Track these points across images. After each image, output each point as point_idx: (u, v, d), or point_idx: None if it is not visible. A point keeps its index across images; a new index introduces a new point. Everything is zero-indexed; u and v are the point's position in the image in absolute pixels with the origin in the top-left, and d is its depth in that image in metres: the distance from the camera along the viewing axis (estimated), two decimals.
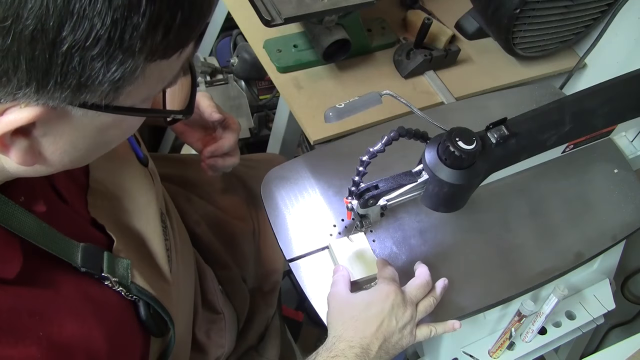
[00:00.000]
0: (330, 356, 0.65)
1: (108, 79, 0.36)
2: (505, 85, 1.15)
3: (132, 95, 0.40)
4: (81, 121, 0.40)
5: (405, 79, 1.12)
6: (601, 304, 0.96)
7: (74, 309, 0.51)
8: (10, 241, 0.46)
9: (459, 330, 0.87)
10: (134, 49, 0.36)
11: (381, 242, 0.84)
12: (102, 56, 0.35)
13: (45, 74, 0.35)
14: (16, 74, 0.34)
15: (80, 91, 0.37)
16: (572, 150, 0.76)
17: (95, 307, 0.53)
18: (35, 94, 0.36)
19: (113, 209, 0.62)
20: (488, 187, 0.72)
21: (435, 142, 0.66)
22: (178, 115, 0.48)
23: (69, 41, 0.33)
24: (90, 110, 0.39)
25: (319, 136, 0.99)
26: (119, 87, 0.38)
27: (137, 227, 0.64)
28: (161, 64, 0.39)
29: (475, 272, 0.83)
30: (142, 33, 0.35)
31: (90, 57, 0.35)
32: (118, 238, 0.58)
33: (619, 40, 1.10)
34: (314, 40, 1.04)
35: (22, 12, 0.32)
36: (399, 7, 1.25)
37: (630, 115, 0.76)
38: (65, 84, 0.36)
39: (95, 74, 0.36)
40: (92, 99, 0.38)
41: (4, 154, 0.40)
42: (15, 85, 0.35)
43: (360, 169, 0.68)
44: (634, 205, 0.92)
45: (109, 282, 0.55)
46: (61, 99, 0.37)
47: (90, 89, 0.37)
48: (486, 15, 1.07)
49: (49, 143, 0.41)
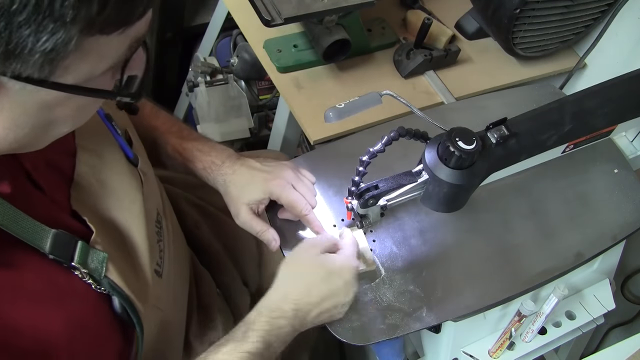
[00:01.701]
0: (272, 317, 0.67)
1: (39, 49, 0.36)
2: (505, 85, 1.15)
3: (72, 71, 0.39)
4: (20, 96, 0.40)
5: (405, 79, 1.12)
6: (601, 304, 0.96)
7: (32, 293, 0.50)
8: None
9: (459, 330, 0.87)
10: (65, 19, 0.35)
11: (381, 242, 0.84)
12: (30, 23, 0.34)
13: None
14: None
15: (10, 60, 0.36)
16: (572, 150, 0.76)
17: (58, 295, 0.53)
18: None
19: (96, 204, 0.61)
20: (488, 187, 0.72)
21: (435, 142, 0.66)
22: (125, 98, 0.47)
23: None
24: (28, 85, 0.38)
25: (319, 136, 0.99)
26: (52, 59, 0.37)
27: (120, 224, 0.63)
28: (100, 39, 0.38)
29: (475, 272, 0.83)
30: (74, 2, 0.34)
31: (18, 24, 0.34)
32: (98, 230, 0.57)
33: (619, 40, 1.10)
34: (314, 40, 1.04)
35: None
36: (399, 7, 1.25)
37: (630, 115, 0.76)
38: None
39: (24, 42, 0.35)
40: (25, 71, 0.37)
41: None
42: None
43: (360, 169, 0.68)
44: (634, 205, 0.92)
45: (79, 273, 0.54)
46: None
47: (20, 59, 0.36)
48: (486, 15, 1.07)
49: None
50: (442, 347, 0.90)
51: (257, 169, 0.79)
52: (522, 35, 1.08)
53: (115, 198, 0.64)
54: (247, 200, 0.78)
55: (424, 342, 0.99)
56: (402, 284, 0.80)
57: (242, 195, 0.78)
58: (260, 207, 0.80)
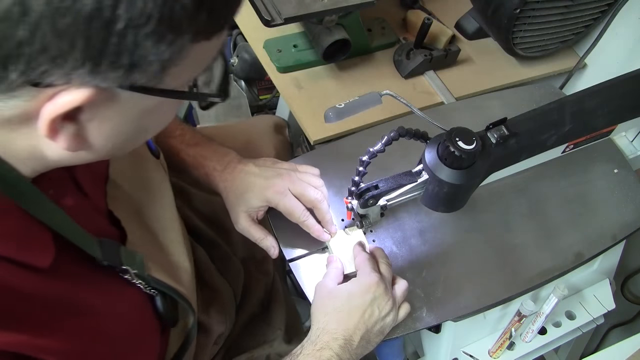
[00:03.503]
0: (315, 349, 0.67)
1: (158, 58, 0.37)
2: (505, 85, 1.15)
3: (175, 78, 0.41)
4: (126, 104, 0.41)
5: (405, 79, 1.12)
6: (601, 304, 0.96)
7: (100, 304, 0.52)
8: (43, 232, 0.46)
9: (459, 330, 0.87)
10: (182, 29, 0.37)
11: (381, 242, 0.84)
12: (154, 35, 0.36)
13: (100, 54, 0.35)
14: (72, 54, 0.35)
15: (132, 71, 0.37)
16: (572, 150, 0.76)
17: (117, 301, 0.54)
18: (89, 74, 0.36)
19: (129, 201, 0.63)
20: (488, 187, 0.72)
21: (435, 142, 0.66)
22: (214, 98, 0.49)
23: (123, 19, 0.34)
24: (136, 93, 0.39)
25: (319, 136, 0.99)
26: (165, 67, 0.39)
27: (152, 219, 0.64)
28: (203, 45, 0.40)
29: (475, 272, 0.83)
30: (189, 12, 0.36)
31: (143, 36, 0.35)
32: (132, 232, 0.59)
33: (619, 40, 1.10)
34: (314, 40, 1.04)
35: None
36: (399, 7, 1.25)
37: (630, 115, 0.76)
38: (117, 63, 0.36)
39: (146, 53, 0.36)
40: (141, 80, 0.39)
41: (53, 139, 0.40)
42: (70, 66, 0.35)
43: (360, 169, 0.68)
44: (634, 205, 0.92)
45: (129, 275, 0.55)
46: (113, 80, 0.37)
47: (140, 69, 0.37)
48: (486, 15, 1.07)
49: (94, 127, 0.41)
50: (442, 347, 0.90)
51: (255, 175, 0.79)
52: (522, 35, 1.08)
53: (147, 193, 0.65)
54: (245, 208, 0.79)
55: (424, 342, 0.99)
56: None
57: (241, 202, 0.79)
58: (259, 214, 0.80)
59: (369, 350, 0.72)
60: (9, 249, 0.42)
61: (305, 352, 0.67)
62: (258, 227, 0.80)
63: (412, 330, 0.78)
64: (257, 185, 0.78)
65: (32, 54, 0.34)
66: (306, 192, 0.78)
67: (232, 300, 0.90)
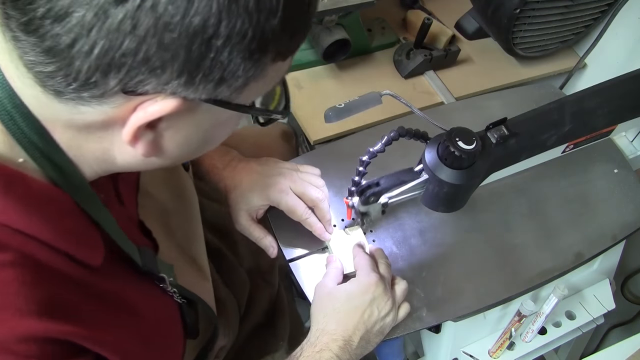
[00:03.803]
0: (315, 351, 0.67)
1: (244, 74, 0.39)
2: (505, 85, 1.15)
3: (250, 94, 0.43)
4: (203, 116, 0.43)
5: (405, 79, 1.12)
6: (601, 304, 0.96)
7: (141, 306, 0.53)
8: (95, 232, 0.48)
9: (459, 330, 0.87)
10: (268, 48, 0.39)
11: (381, 242, 0.84)
12: (245, 52, 0.38)
13: (197, 67, 0.37)
14: (171, 66, 0.37)
15: (219, 85, 0.39)
16: (572, 150, 0.76)
17: (154, 306, 0.56)
18: (183, 86, 0.38)
19: (159, 212, 0.64)
20: (488, 187, 0.72)
21: (435, 142, 0.66)
22: (278, 115, 0.51)
23: (223, 36, 0.36)
24: (215, 106, 0.41)
25: (319, 136, 0.99)
26: (247, 83, 0.40)
27: (180, 229, 0.66)
28: (278, 65, 0.42)
29: (475, 272, 0.83)
30: (276, 34, 0.38)
31: (236, 52, 0.37)
32: (162, 242, 0.60)
33: (619, 40, 1.10)
34: (314, 40, 1.04)
35: (190, 10, 0.35)
36: (399, 7, 1.25)
37: (630, 115, 0.76)
38: (210, 77, 0.38)
39: (236, 69, 0.38)
40: (224, 94, 0.40)
41: (132, 145, 0.42)
42: (167, 77, 0.37)
43: (360, 169, 0.68)
44: (634, 205, 0.92)
45: (165, 284, 0.57)
46: (201, 92, 0.39)
47: (227, 84, 0.39)
48: (486, 15, 1.07)
49: (169, 136, 0.43)
50: (442, 347, 0.90)
51: (257, 173, 0.80)
52: (522, 35, 1.08)
53: (177, 203, 0.66)
54: (246, 206, 0.79)
55: (424, 342, 0.99)
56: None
57: (242, 201, 0.79)
58: (259, 213, 0.80)
59: (368, 350, 0.72)
60: (70, 245, 0.44)
61: (305, 355, 0.67)
62: (258, 226, 0.80)
63: (412, 330, 0.78)
64: (258, 183, 0.78)
65: (134, 64, 0.36)
66: (308, 191, 0.78)
67: (236, 313, 0.90)
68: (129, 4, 0.34)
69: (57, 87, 0.38)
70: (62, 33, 0.35)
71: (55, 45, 0.36)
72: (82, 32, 0.35)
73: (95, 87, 0.38)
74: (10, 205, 0.40)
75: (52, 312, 0.41)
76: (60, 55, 0.36)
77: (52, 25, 0.35)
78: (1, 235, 0.40)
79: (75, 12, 0.34)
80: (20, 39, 0.37)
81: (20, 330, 0.39)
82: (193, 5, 0.35)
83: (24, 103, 0.41)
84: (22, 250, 0.41)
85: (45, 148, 0.43)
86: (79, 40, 0.35)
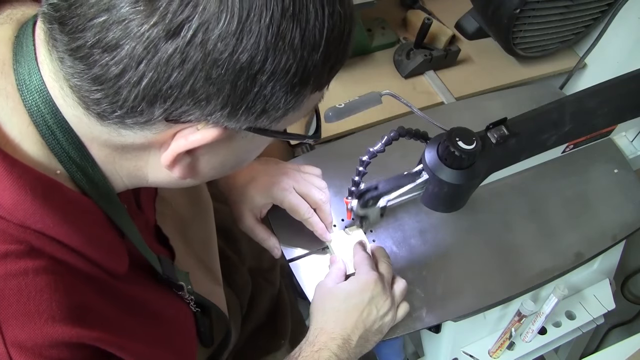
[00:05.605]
0: (313, 350, 0.67)
1: (284, 106, 0.41)
2: (505, 85, 1.15)
3: (287, 122, 0.44)
4: (240, 142, 0.44)
5: (405, 79, 1.12)
6: (601, 304, 0.96)
7: (163, 314, 0.54)
8: (121, 242, 0.49)
9: (459, 330, 0.87)
10: (309, 82, 0.40)
11: (381, 242, 0.84)
12: (287, 86, 0.39)
13: (241, 100, 0.38)
14: (216, 99, 0.38)
15: (261, 116, 0.40)
16: (572, 150, 0.76)
17: (174, 314, 0.57)
18: (226, 117, 0.39)
19: (176, 217, 0.64)
20: (488, 187, 0.72)
21: (435, 142, 0.66)
22: (310, 139, 0.53)
23: (268, 72, 0.37)
24: (252, 133, 0.42)
25: None
26: (287, 113, 0.42)
27: (196, 234, 0.66)
28: (315, 95, 0.44)
29: (475, 272, 0.83)
30: (318, 68, 0.40)
31: (279, 87, 0.39)
32: (178, 249, 0.61)
33: (619, 40, 1.10)
34: None
35: (238, 48, 0.36)
36: (399, 7, 1.25)
37: (630, 115, 0.76)
38: (252, 109, 0.39)
39: (278, 102, 0.40)
40: (263, 123, 0.42)
41: (170, 169, 0.43)
42: (211, 109, 0.38)
43: (360, 169, 0.68)
44: (634, 205, 0.92)
45: (183, 292, 0.57)
46: (243, 122, 0.40)
47: (268, 115, 0.41)
48: (486, 15, 1.07)
49: (205, 160, 0.45)
50: (442, 347, 0.90)
51: (259, 172, 0.80)
52: (522, 35, 1.08)
53: (192, 208, 0.67)
54: (249, 205, 0.78)
55: (424, 342, 0.99)
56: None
57: (245, 200, 0.78)
58: (262, 212, 0.80)
59: (367, 349, 0.72)
60: (99, 253, 0.45)
61: (304, 354, 0.67)
62: (262, 226, 0.80)
63: (412, 330, 0.78)
64: (261, 182, 0.78)
65: (180, 95, 0.37)
66: (311, 193, 0.78)
67: (237, 313, 0.90)
68: (179, 40, 0.35)
69: (101, 112, 0.39)
70: (112, 63, 0.36)
71: (103, 74, 0.36)
72: (132, 63, 0.35)
73: (140, 115, 0.38)
74: (48, 213, 0.41)
75: (82, 318, 0.42)
76: (107, 84, 0.37)
77: (101, 55, 0.35)
78: (37, 242, 0.41)
79: (126, 44, 0.35)
80: (67, 62, 0.37)
81: (53, 336, 0.40)
82: (242, 43, 0.35)
83: (66, 119, 0.42)
84: (55, 256, 0.42)
85: (82, 162, 0.44)
86: (127, 71, 0.36)
